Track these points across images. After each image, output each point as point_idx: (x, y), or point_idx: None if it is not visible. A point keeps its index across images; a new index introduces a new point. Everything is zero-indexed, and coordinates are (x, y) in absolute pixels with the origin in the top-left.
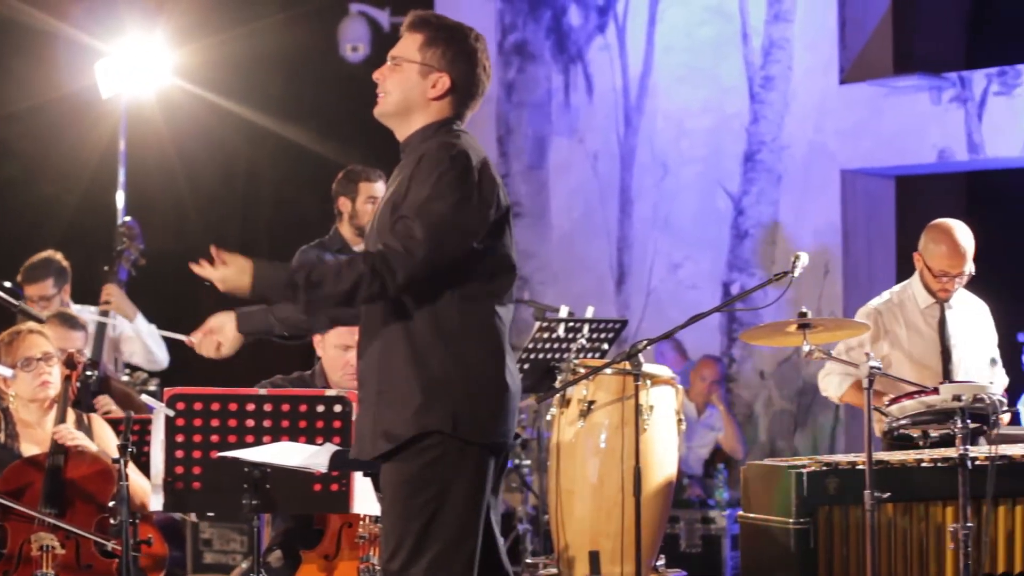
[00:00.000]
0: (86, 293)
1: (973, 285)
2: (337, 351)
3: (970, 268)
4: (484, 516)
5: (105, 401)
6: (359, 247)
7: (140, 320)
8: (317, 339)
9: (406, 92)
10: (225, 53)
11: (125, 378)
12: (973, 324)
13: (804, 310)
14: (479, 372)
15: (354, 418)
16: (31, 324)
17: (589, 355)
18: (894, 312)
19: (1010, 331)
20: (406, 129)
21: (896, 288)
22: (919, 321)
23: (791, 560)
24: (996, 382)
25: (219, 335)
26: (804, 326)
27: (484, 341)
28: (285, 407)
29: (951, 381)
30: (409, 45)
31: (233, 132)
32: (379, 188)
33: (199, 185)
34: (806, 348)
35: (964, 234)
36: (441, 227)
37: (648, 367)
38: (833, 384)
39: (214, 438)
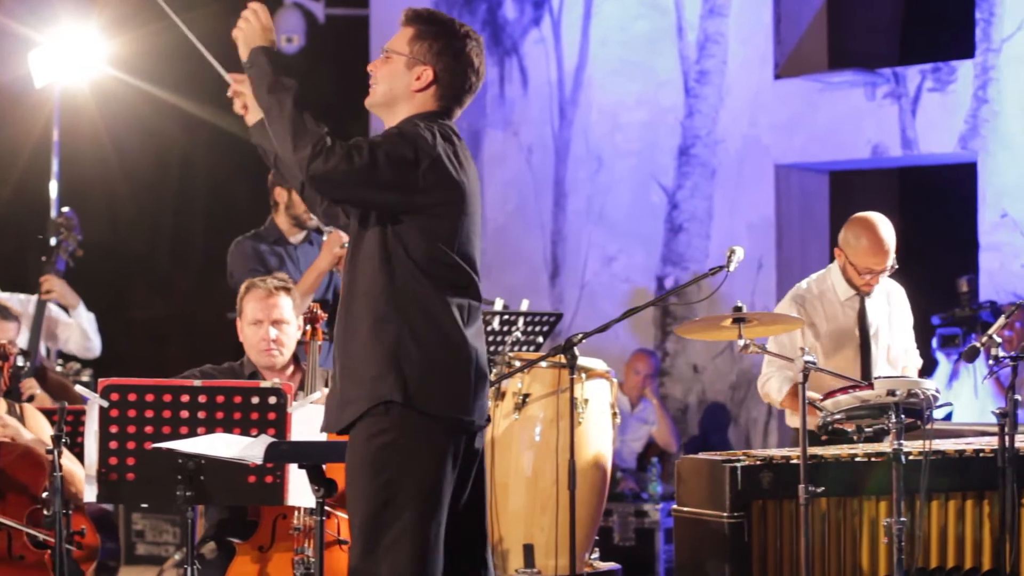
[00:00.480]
0: (20, 282)
1: (901, 277)
2: (253, 328)
3: (893, 262)
4: (447, 496)
5: (30, 384)
6: (295, 237)
7: (82, 308)
8: (239, 323)
9: (392, 84)
10: (159, 43)
11: (59, 368)
12: (891, 312)
13: (739, 304)
14: (435, 346)
15: (290, 409)
16: None
17: (524, 348)
18: (814, 303)
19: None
20: (392, 120)
21: (814, 277)
22: (839, 312)
23: (725, 554)
24: (910, 366)
25: (248, 103)
26: (739, 320)
27: (442, 317)
28: (220, 398)
29: (873, 376)
30: (400, 39)
31: (167, 122)
32: None
33: (133, 175)
34: (741, 342)
35: (886, 229)
36: (380, 164)
37: (583, 360)
38: (774, 388)
39: (148, 429)
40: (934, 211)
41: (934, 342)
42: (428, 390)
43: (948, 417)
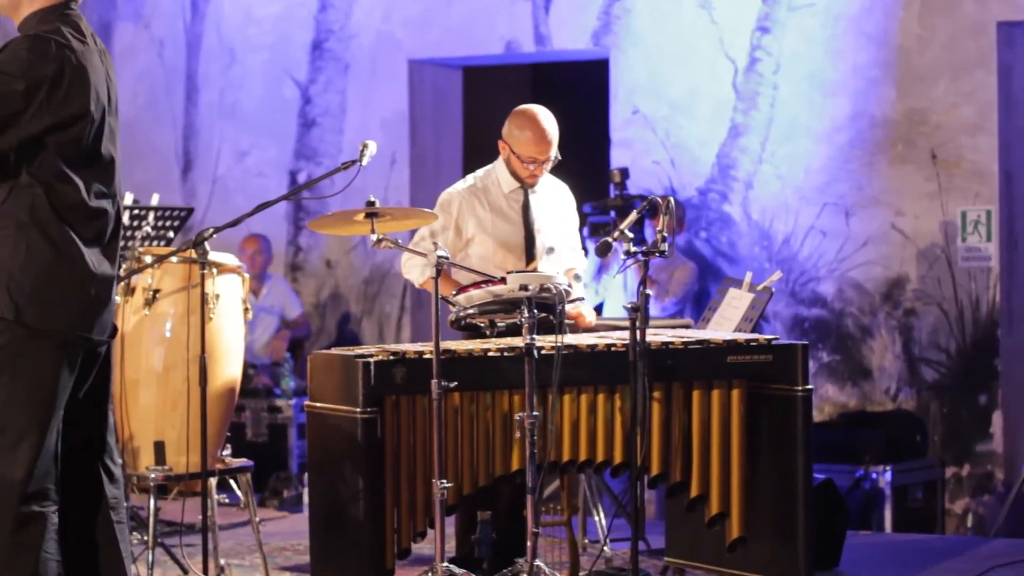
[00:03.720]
0: None
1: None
2: None
3: (556, 153)
4: (61, 406)
5: None
6: None
7: None
8: None
9: None
10: None
11: None
12: (556, 208)
13: (372, 199)
14: (50, 262)
15: None
16: None
17: (154, 243)
18: (478, 196)
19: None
20: (19, 18)
21: (480, 172)
22: (503, 205)
23: (358, 449)
24: (577, 264)
25: None
26: (372, 215)
27: (60, 234)
28: None
29: (524, 270)
30: None
31: None
32: None
33: None
34: (374, 237)
35: (549, 120)
36: (23, 96)
37: (214, 255)
38: (416, 271)
39: None
40: (567, 106)
41: (585, 231)
42: (39, 307)
43: (598, 309)
